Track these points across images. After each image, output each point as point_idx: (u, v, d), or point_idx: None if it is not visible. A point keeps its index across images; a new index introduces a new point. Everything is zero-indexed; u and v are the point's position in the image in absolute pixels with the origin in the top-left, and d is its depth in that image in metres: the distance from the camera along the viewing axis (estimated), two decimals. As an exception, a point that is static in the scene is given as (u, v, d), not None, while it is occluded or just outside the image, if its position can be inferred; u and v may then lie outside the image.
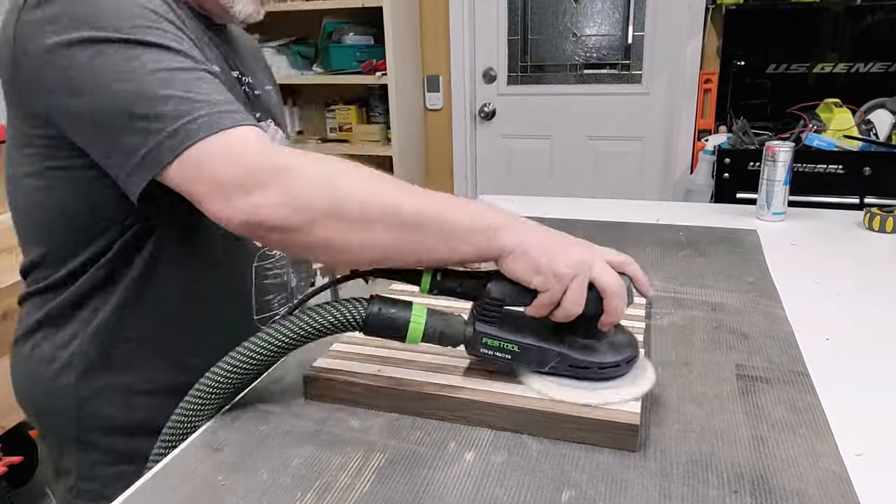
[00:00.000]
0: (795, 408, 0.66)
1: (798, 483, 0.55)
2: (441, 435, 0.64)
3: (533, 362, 0.65)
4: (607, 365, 0.64)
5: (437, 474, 0.58)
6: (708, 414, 0.65)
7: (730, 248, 1.15)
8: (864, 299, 0.96)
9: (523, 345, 0.65)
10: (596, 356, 0.64)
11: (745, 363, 0.75)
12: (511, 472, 0.58)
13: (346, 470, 0.59)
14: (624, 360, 0.64)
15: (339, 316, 0.64)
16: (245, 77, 0.87)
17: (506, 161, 2.81)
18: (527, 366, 0.66)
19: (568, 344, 0.64)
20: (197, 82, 0.63)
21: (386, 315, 0.64)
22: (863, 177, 1.78)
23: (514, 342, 0.65)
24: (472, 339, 0.65)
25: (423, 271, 0.65)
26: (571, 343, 0.64)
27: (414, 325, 0.64)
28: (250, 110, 0.82)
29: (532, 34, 2.67)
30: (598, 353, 0.64)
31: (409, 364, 0.71)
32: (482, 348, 0.65)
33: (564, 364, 0.64)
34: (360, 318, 0.64)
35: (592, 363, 0.64)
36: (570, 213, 1.36)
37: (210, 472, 0.60)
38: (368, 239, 0.60)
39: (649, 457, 0.59)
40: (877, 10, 2.11)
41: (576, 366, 0.64)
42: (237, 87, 0.84)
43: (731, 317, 0.87)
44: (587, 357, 0.64)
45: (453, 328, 0.65)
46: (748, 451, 0.59)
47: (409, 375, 0.69)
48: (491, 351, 0.65)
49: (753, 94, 2.27)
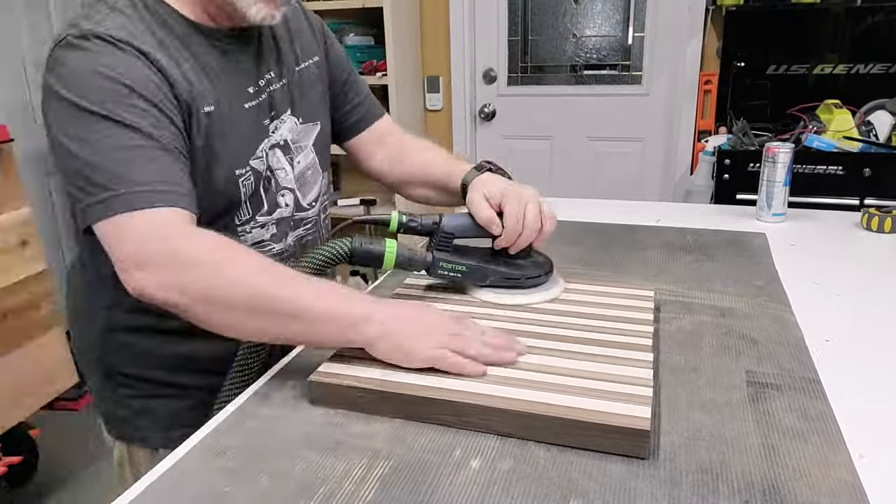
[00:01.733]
0: (807, 415, 0.65)
1: (810, 493, 0.54)
2: (446, 441, 0.63)
3: (478, 278, 0.88)
4: (532, 276, 0.88)
5: (442, 482, 0.57)
6: (718, 421, 0.65)
7: (738, 251, 1.14)
8: (863, 300, 0.96)
9: (470, 266, 0.87)
10: (524, 271, 0.88)
11: (754, 369, 0.74)
12: (517, 480, 0.57)
13: (350, 477, 0.58)
14: (544, 273, 0.89)
15: (333, 251, 0.81)
16: (267, 74, 0.90)
17: (506, 162, 2.79)
18: (473, 282, 0.89)
19: (503, 263, 0.88)
20: (137, 160, 0.72)
21: (366, 248, 0.82)
22: (862, 178, 1.77)
23: (463, 264, 0.87)
24: (432, 263, 0.86)
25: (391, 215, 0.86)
26: (506, 262, 0.88)
27: (388, 253, 0.83)
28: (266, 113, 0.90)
29: (532, 35, 2.67)
30: (525, 268, 0.88)
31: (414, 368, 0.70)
32: (440, 270, 0.87)
33: (501, 278, 0.88)
34: (348, 251, 0.81)
35: (522, 275, 0.88)
36: (569, 213, 1.36)
37: (212, 477, 0.59)
38: (242, 323, 0.70)
39: (658, 465, 0.59)
40: (877, 11, 2.10)
41: (510, 278, 0.88)
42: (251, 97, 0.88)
43: (740, 321, 0.86)
44: (517, 271, 0.88)
45: (418, 256, 0.85)
46: (759, 460, 0.59)
47: (414, 380, 0.68)
48: (446, 272, 0.87)
49: (753, 96, 2.27)
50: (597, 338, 0.76)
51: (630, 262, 1.09)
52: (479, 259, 0.88)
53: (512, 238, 0.86)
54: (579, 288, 0.91)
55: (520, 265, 0.88)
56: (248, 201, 0.88)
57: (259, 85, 0.89)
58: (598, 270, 1.06)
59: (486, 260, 0.88)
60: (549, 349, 0.74)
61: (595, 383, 0.66)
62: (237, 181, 0.86)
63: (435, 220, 0.87)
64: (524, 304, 0.85)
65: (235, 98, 0.86)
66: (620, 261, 1.10)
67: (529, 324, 0.80)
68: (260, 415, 0.69)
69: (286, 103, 0.94)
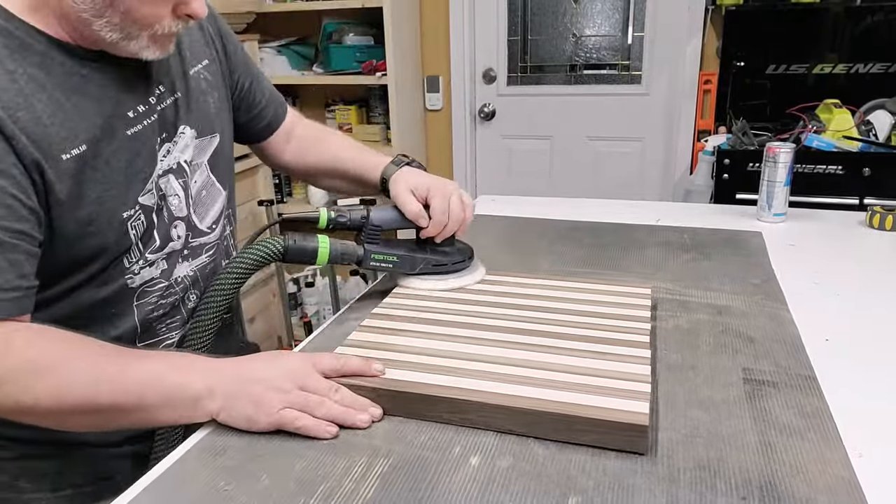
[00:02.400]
0: (804, 412, 0.66)
1: (807, 489, 0.55)
2: (446, 439, 0.64)
3: (407, 267, 0.93)
4: (457, 261, 0.94)
5: (441, 480, 0.58)
6: (715, 419, 0.65)
7: (735, 250, 1.14)
8: (863, 299, 0.96)
9: (400, 255, 0.92)
10: (450, 257, 0.94)
11: (751, 367, 0.75)
12: (517, 477, 0.58)
13: (350, 475, 0.59)
14: (467, 257, 0.96)
15: (265, 251, 0.82)
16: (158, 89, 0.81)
17: (505, 161, 2.81)
18: (404, 271, 0.93)
19: (430, 251, 0.93)
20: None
21: (300, 245, 0.84)
22: (862, 177, 1.77)
23: (393, 255, 0.91)
24: (364, 256, 0.89)
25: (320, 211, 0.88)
26: (433, 250, 0.93)
27: (321, 249, 0.85)
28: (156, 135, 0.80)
29: (532, 35, 2.67)
30: (451, 255, 0.94)
31: (413, 366, 0.71)
32: (371, 262, 0.90)
33: (429, 265, 0.93)
34: (281, 249, 0.83)
35: (449, 261, 0.94)
36: (569, 213, 1.36)
37: (212, 476, 0.59)
38: (69, 423, 0.68)
39: (656, 462, 0.59)
40: (876, 10, 2.10)
41: (438, 264, 0.93)
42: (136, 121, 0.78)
43: (736, 320, 0.87)
44: (445, 258, 0.94)
45: (350, 250, 0.88)
46: (756, 457, 0.59)
47: (413, 378, 0.69)
48: (378, 263, 0.91)
49: (753, 95, 2.27)
50: (594, 335, 0.77)
51: (628, 261, 1.10)
52: (407, 249, 0.93)
53: (439, 228, 0.91)
54: (577, 286, 0.91)
55: (446, 252, 0.94)
56: (138, 243, 0.79)
57: (149, 103, 0.79)
58: (596, 269, 1.06)
59: (414, 249, 0.93)
60: (548, 346, 0.74)
61: (593, 380, 0.66)
62: (125, 225, 0.76)
63: (363, 214, 0.89)
64: (457, 287, 0.92)
65: (115, 126, 0.75)
66: (618, 260, 1.11)
67: (527, 321, 0.81)
68: (260, 413, 0.69)
69: (180, 118, 0.84)
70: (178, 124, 0.84)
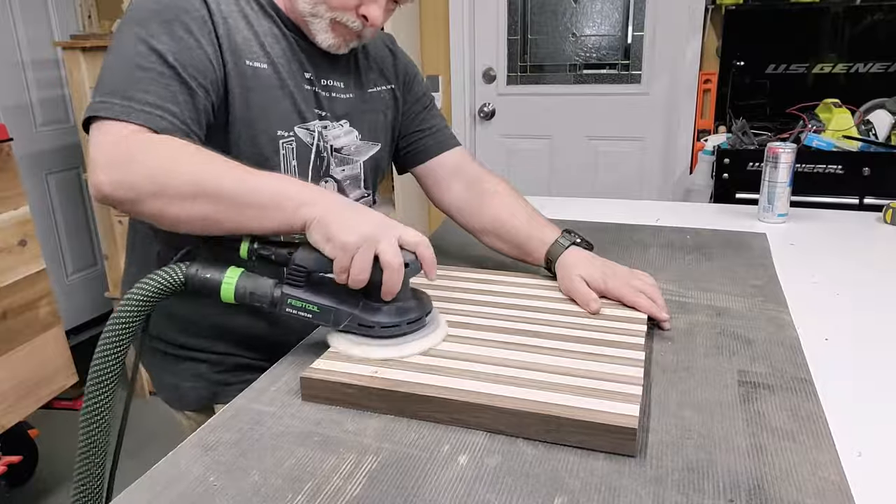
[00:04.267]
0: (797, 416, 0.65)
1: (795, 493, 0.54)
2: (435, 437, 0.63)
3: (330, 321, 0.75)
4: (388, 325, 0.74)
5: (428, 478, 0.57)
6: (707, 420, 0.65)
7: (737, 251, 1.14)
8: (863, 299, 0.96)
9: (322, 306, 0.74)
10: (380, 317, 0.74)
11: (747, 369, 0.74)
12: (504, 476, 0.58)
13: (338, 472, 0.59)
14: (405, 322, 0.74)
15: (163, 281, 0.72)
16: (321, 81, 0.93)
17: (505, 161, 2.80)
18: (325, 324, 0.75)
19: (361, 306, 0.74)
20: (144, 82, 0.76)
21: (202, 277, 0.73)
22: (862, 177, 1.77)
23: (314, 304, 0.74)
24: (279, 299, 0.74)
25: (241, 239, 0.76)
26: (364, 305, 0.74)
27: (226, 285, 0.73)
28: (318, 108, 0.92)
29: (532, 34, 2.67)
30: (383, 314, 0.74)
31: (405, 366, 0.71)
32: (287, 308, 0.74)
33: (355, 323, 0.74)
34: (181, 279, 0.72)
35: (376, 323, 0.74)
36: (569, 213, 1.36)
37: (202, 472, 0.59)
38: (189, 211, 0.71)
39: (645, 463, 0.59)
40: (876, 10, 2.10)
41: (363, 325, 0.74)
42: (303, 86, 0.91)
43: (735, 321, 0.86)
44: (372, 318, 0.74)
45: (262, 289, 0.74)
46: (746, 460, 0.59)
47: (405, 377, 0.68)
48: (295, 310, 0.74)
49: (753, 95, 2.26)
50: (589, 336, 0.76)
51: (629, 262, 1.09)
52: (335, 298, 0.74)
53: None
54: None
55: (379, 309, 0.74)
56: (290, 167, 0.89)
57: (321, 83, 0.92)
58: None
59: (344, 299, 0.74)
60: (540, 347, 0.74)
61: (585, 381, 0.66)
62: (277, 143, 0.87)
63: (291, 250, 0.75)
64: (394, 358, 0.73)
65: (292, 76, 0.88)
66: (619, 260, 1.10)
67: (523, 322, 0.80)
68: (252, 410, 0.69)
69: (344, 115, 0.96)
70: (341, 117, 0.95)
